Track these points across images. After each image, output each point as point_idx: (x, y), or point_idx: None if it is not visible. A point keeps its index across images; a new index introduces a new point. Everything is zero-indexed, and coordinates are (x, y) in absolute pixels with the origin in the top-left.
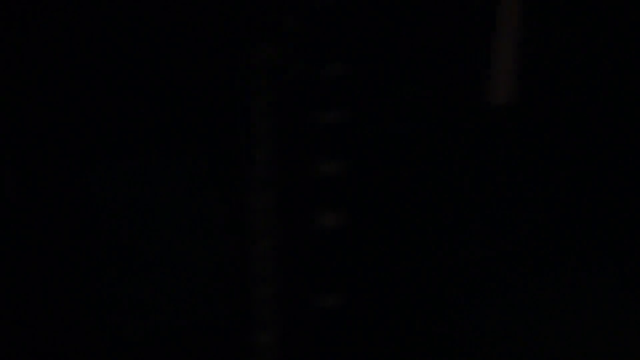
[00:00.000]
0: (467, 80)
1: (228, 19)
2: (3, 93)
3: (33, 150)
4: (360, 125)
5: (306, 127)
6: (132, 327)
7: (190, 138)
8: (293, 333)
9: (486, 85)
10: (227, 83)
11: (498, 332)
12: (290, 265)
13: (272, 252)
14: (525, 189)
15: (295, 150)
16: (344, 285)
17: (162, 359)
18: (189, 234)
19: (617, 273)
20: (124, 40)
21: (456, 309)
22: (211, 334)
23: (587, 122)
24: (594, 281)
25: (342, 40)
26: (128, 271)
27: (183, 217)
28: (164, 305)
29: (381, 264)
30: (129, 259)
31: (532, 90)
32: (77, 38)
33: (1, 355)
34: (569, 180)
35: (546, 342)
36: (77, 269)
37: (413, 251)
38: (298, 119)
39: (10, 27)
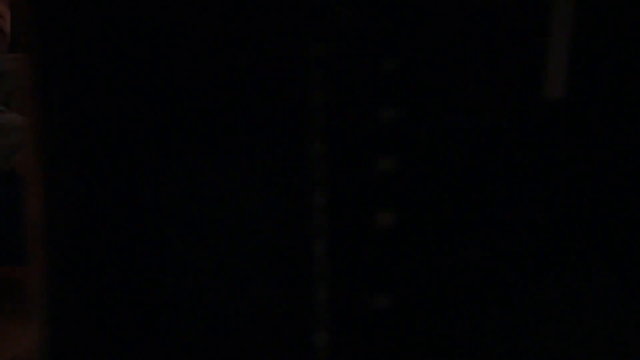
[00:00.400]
0: (522, 74)
1: (283, 14)
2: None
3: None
4: (416, 121)
5: (362, 124)
6: (189, 326)
7: (245, 135)
8: (350, 334)
9: (542, 79)
10: (282, 79)
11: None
12: (346, 265)
13: (328, 252)
14: (583, 184)
15: (351, 147)
16: (399, 286)
17: (218, 359)
18: (245, 232)
19: None
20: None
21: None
22: (268, 335)
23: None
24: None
25: (398, 33)
26: (186, 270)
27: (239, 216)
28: (221, 304)
29: (437, 264)
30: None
31: (587, 84)
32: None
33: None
34: (623, 176)
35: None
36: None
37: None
38: (354, 116)
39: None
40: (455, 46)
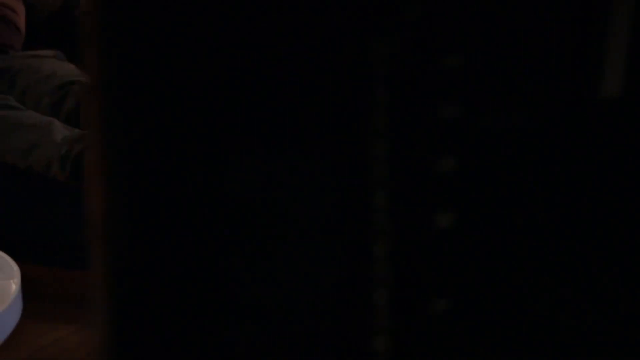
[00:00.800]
0: (579, 72)
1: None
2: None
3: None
4: (476, 119)
5: (423, 123)
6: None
7: (306, 134)
8: (409, 338)
9: (599, 77)
10: (345, 76)
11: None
12: (406, 267)
13: (389, 254)
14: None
15: (411, 146)
16: (458, 289)
17: None
18: (305, 233)
19: None
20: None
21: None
22: (327, 338)
23: None
24: None
25: (460, 30)
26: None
27: (299, 216)
28: (280, 306)
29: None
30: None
31: None
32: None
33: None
34: None
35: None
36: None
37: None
38: (415, 114)
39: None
40: (515, 44)
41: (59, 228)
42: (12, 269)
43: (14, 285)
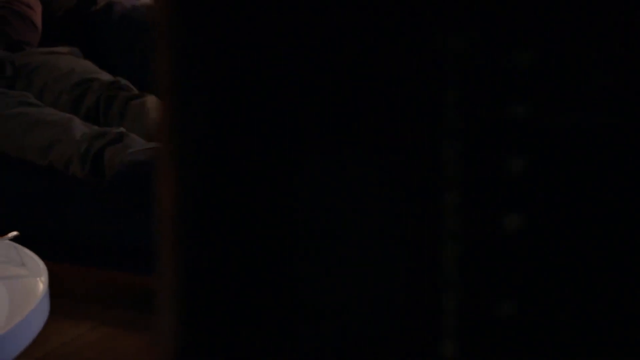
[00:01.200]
0: None
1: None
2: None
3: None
4: (548, 118)
5: (492, 121)
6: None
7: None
8: (477, 342)
9: None
10: (417, 73)
11: None
12: (475, 270)
13: (458, 257)
14: None
15: (481, 146)
16: (527, 292)
17: None
18: (374, 234)
19: None
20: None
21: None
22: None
23: None
24: None
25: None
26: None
27: (370, 217)
28: (346, 310)
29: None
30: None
31: None
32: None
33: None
34: None
35: None
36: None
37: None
38: (485, 113)
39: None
40: (588, 40)
41: (77, 225)
42: (39, 266)
43: (41, 284)
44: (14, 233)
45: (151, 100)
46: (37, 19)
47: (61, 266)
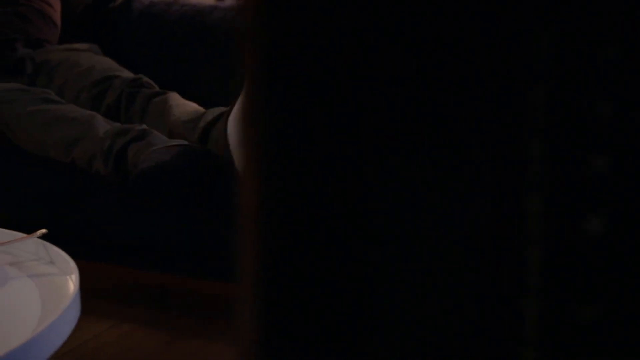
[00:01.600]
0: None
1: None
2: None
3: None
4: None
5: (577, 120)
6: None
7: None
8: (558, 349)
9: None
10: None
11: None
12: (557, 274)
13: (540, 260)
14: None
15: (566, 145)
16: (610, 296)
17: None
18: (456, 238)
19: None
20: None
21: None
22: (473, 350)
23: None
24: None
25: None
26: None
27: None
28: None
29: None
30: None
31: None
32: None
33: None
34: None
35: None
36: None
37: None
38: (570, 111)
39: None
40: None
41: (98, 222)
42: (68, 264)
43: (72, 283)
44: (43, 231)
45: (173, 98)
46: (57, 16)
47: (82, 263)
